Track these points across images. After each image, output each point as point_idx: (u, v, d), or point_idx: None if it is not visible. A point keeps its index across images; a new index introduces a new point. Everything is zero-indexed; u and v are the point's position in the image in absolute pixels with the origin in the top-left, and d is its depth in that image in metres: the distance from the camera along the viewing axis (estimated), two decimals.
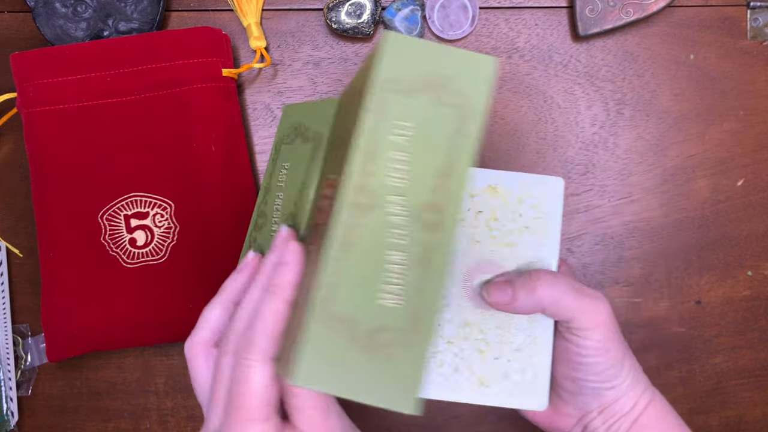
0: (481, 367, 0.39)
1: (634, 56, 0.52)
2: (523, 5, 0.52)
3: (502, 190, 0.40)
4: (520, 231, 0.40)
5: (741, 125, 0.52)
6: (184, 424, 0.52)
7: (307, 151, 0.36)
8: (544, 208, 0.40)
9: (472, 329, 0.40)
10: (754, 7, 0.52)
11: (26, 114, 0.48)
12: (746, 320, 0.52)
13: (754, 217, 0.52)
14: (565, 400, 0.41)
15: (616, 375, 0.39)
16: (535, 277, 0.38)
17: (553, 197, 0.40)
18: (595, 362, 0.38)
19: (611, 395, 0.39)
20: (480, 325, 0.40)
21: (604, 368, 0.38)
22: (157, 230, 0.49)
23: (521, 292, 0.37)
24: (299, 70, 0.52)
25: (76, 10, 0.50)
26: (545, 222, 0.40)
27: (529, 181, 0.40)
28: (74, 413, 0.52)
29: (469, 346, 0.40)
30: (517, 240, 0.40)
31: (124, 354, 0.52)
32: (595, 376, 0.39)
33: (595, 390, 0.39)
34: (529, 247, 0.40)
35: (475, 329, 0.40)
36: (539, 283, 0.37)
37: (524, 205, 0.40)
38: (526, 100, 0.52)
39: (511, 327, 0.40)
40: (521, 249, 0.40)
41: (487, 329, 0.40)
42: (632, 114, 0.52)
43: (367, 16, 0.50)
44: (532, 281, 0.37)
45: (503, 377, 0.39)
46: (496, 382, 0.39)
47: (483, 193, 0.40)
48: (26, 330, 0.52)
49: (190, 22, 0.52)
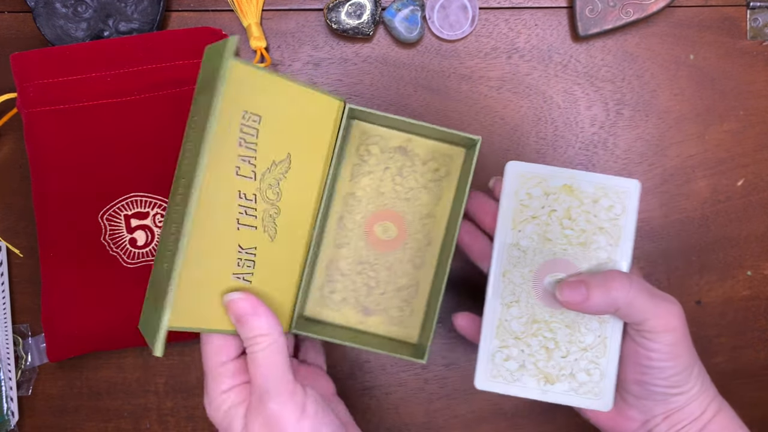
0: (547, 365, 0.40)
1: (634, 56, 0.52)
2: (523, 5, 0.52)
3: (578, 189, 0.40)
4: (594, 231, 0.40)
5: (741, 125, 0.52)
6: (184, 423, 0.52)
7: (208, 102, 0.35)
8: (619, 210, 0.40)
9: (541, 326, 0.40)
10: (753, 7, 0.52)
11: (26, 114, 0.48)
12: (746, 320, 0.52)
13: (754, 217, 0.52)
14: (630, 404, 0.40)
15: (685, 381, 0.38)
16: (610, 278, 0.37)
17: (629, 199, 0.40)
18: (665, 366, 0.38)
19: (678, 401, 0.39)
20: (549, 323, 0.40)
21: (672, 373, 0.38)
22: (157, 230, 0.49)
23: (596, 292, 0.37)
24: (299, 70, 0.52)
25: (77, 10, 0.50)
26: (620, 224, 0.40)
27: (606, 183, 0.40)
28: (74, 413, 0.52)
29: (536, 343, 0.40)
30: (591, 240, 0.40)
31: (124, 354, 0.52)
32: (664, 381, 0.38)
33: (662, 395, 0.39)
34: (602, 248, 0.40)
35: (544, 327, 0.40)
36: (614, 284, 0.37)
37: (599, 206, 0.40)
38: (525, 100, 0.52)
39: (580, 327, 0.40)
40: (594, 249, 0.40)
41: (556, 328, 0.40)
42: (632, 114, 0.52)
43: (367, 16, 0.50)
44: (607, 281, 0.37)
45: (569, 376, 0.40)
46: (562, 380, 0.40)
47: (558, 191, 0.40)
48: (26, 330, 0.52)
49: (191, 23, 0.52)
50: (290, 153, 0.40)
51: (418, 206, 0.45)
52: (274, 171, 0.40)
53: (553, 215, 0.40)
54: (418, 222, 0.45)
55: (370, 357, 0.52)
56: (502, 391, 0.40)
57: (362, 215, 0.45)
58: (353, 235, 0.45)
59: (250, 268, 0.40)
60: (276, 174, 0.40)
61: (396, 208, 0.45)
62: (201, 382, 0.52)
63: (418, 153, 0.45)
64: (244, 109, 0.38)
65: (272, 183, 0.40)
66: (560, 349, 0.40)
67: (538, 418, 0.52)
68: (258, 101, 0.38)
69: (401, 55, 0.52)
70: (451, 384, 0.52)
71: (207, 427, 0.52)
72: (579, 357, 0.40)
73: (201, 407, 0.52)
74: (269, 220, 0.40)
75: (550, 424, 0.52)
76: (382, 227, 0.45)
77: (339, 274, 0.45)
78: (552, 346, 0.40)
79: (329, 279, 0.45)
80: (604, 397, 0.40)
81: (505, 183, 0.41)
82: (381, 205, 0.45)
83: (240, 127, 0.38)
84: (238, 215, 0.38)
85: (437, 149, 0.45)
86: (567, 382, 0.40)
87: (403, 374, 0.52)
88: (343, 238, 0.45)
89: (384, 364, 0.52)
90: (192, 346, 0.52)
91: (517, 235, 0.40)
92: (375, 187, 0.45)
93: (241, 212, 0.38)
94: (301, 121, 0.41)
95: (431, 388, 0.52)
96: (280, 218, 0.41)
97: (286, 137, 0.40)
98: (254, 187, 0.39)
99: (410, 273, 0.45)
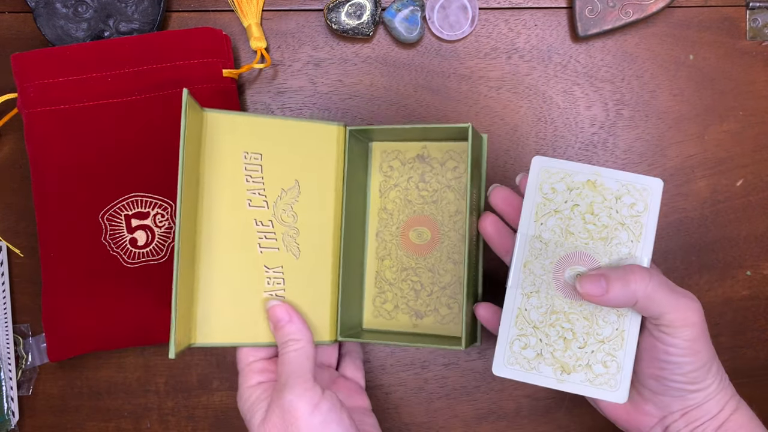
0: (564, 355, 0.41)
1: (634, 57, 0.52)
2: (523, 6, 0.52)
3: (601, 185, 0.41)
4: (616, 227, 0.40)
5: (740, 125, 0.52)
6: (185, 423, 0.52)
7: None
8: (642, 208, 0.40)
9: (559, 317, 0.41)
10: (753, 7, 0.52)
11: (27, 114, 0.48)
12: (746, 320, 0.52)
13: (753, 217, 0.52)
14: (647, 399, 0.41)
15: (703, 377, 0.38)
16: (629, 271, 0.38)
17: (651, 197, 0.40)
18: (683, 362, 0.38)
19: (696, 398, 0.39)
20: (568, 314, 0.41)
21: (691, 369, 0.38)
22: (157, 230, 0.49)
23: (615, 285, 0.38)
24: (299, 70, 0.52)
25: (77, 10, 0.50)
26: (642, 221, 0.40)
27: (629, 180, 0.41)
28: (75, 413, 0.52)
29: (554, 333, 0.41)
30: (612, 235, 0.41)
31: (124, 354, 0.52)
32: (682, 377, 0.38)
33: (679, 391, 0.39)
34: (624, 244, 0.40)
35: (562, 317, 0.41)
36: (634, 277, 0.37)
37: (622, 202, 0.41)
38: (525, 101, 0.52)
39: (598, 319, 0.40)
40: (615, 245, 0.40)
41: (575, 319, 0.41)
42: (631, 114, 0.52)
43: (367, 16, 0.50)
44: (627, 275, 0.38)
45: (586, 366, 0.40)
46: (578, 370, 0.40)
47: (582, 186, 0.41)
48: (27, 330, 0.52)
49: (191, 23, 0.52)
50: (297, 180, 0.46)
51: (445, 205, 0.48)
52: (285, 197, 0.45)
53: (575, 210, 0.41)
54: (448, 220, 0.48)
55: (370, 357, 0.52)
56: (519, 378, 0.41)
57: (396, 226, 0.49)
58: (392, 246, 0.49)
59: (280, 285, 0.45)
60: (287, 200, 0.45)
61: (426, 212, 0.49)
62: (201, 381, 0.52)
63: (435, 156, 0.49)
64: (245, 150, 0.44)
65: (285, 208, 0.45)
66: (578, 340, 0.40)
67: (538, 418, 0.52)
68: (255, 142, 0.44)
69: (401, 56, 0.52)
70: (451, 384, 0.52)
71: (207, 426, 0.52)
72: (596, 349, 0.40)
73: (201, 407, 0.52)
74: (290, 241, 0.45)
75: (550, 424, 0.52)
76: (416, 233, 0.49)
77: (386, 284, 0.49)
78: (570, 336, 0.41)
79: (379, 291, 0.49)
80: (620, 389, 0.40)
81: (530, 177, 0.42)
82: (411, 213, 0.49)
83: (244, 166, 0.44)
84: (258, 240, 0.44)
85: (451, 149, 0.48)
86: (583, 373, 0.40)
87: (403, 374, 0.52)
88: (383, 251, 0.49)
89: (384, 364, 0.52)
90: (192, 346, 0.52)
91: (540, 228, 0.41)
92: (403, 197, 0.49)
93: (261, 237, 0.45)
94: (302, 150, 0.46)
95: (431, 388, 0.52)
96: (301, 238, 0.46)
97: (290, 166, 0.45)
98: (269, 214, 0.45)
99: (451, 270, 0.48)
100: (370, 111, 0.52)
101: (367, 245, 0.50)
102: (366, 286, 0.49)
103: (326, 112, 0.52)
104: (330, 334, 0.46)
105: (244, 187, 0.44)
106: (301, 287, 0.46)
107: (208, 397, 0.52)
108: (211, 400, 0.52)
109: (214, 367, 0.52)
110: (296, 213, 0.45)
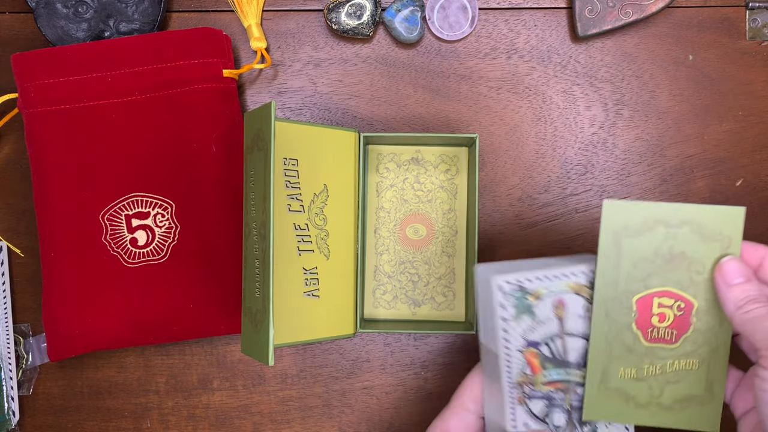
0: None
1: (633, 57, 0.52)
2: (523, 6, 0.52)
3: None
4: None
5: (740, 126, 0.52)
6: (185, 423, 0.52)
7: (262, 159, 0.41)
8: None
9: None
10: (752, 7, 0.52)
11: (27, 114, 0.48)
12: None
13: (752, 217, 0.52)
14: None
15: None
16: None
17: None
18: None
19: None
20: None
21: None
22: (158, 230, 0.49)
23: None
24: (300, 70, 0.52)
25: (77, 10, 0.50)
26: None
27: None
28: (75, 412, 0.52)
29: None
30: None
31: (124, 353, 0.52)
32: None
33: None
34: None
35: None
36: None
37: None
38: (525, 101, 0.52)
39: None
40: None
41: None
42: (631, 114, 0.52)
43: (367, 17, 0.50)
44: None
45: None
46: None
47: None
48: (27, 329, 0.52)
49: (191, 23, 0.52)
50: (326, 184, 0.48)
51: (439, 204, 0.52)
52: (317, 201, 0.48)
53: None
54: (442, 218, 0.52)
55: (369, 357, 0.52)
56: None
57: (393, 223, 0.52)
58: (389, 241, 0.52)
59: (315, 286, 0.47)
60: (318, 203, 0.48)
61: (420, 211, 0.52)
62: (201, 381, 0.52)
63: (429, 160, 0.52)
64: (284, 156, 0.46)
65: (317, 211, 0.48)
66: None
67: None
68: (293, 147, 0.46)
69: (401, 56, 0.52)
70: (451, 383, 0.52)
71: (208, 426, 0.52)
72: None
73: (202, 406, 0.52)
74: (321, 243, 0.48)
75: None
76: (412, 229, 0.52)
77: (385, 276, 0.52)
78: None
79: (378, 283, 0.52)
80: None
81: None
82: (407, 211, 0.52)
83: (284, 171, 0.46)
84: (297, 243, 0.47)
85: (444, 153, 0.52)
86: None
87: (402, 374, 0.52)
88: (382, 246, 0.52)
89: (384, 363, 0.52)
90: (193, 346, 0.52)
91: None
92: (399, 197, 0.52)
93: (299, 240, 0.47)
94: (328, 154, 0.48)
95: (431, 387, 0.52)
96: (330, 239, 0.48)
97: (320, 171, 0.48)
98: (305, 218, 0.47)
99: (445, 262, 0.52)
100: (370, 111, 0.52)
101: (366, 242, 0.52)
102: (366, 279, 0.52)
103: (326, 112, 0.52)
104: (352, 328, 0.49)
105: (284, 193, 0.46)
106: (332, 287, 0.48)
107: (209, 396, 0.52)
108: (212, 400, 0.52)
109: (214, 366, 0.52)
110: (326, 216, 0.48)
